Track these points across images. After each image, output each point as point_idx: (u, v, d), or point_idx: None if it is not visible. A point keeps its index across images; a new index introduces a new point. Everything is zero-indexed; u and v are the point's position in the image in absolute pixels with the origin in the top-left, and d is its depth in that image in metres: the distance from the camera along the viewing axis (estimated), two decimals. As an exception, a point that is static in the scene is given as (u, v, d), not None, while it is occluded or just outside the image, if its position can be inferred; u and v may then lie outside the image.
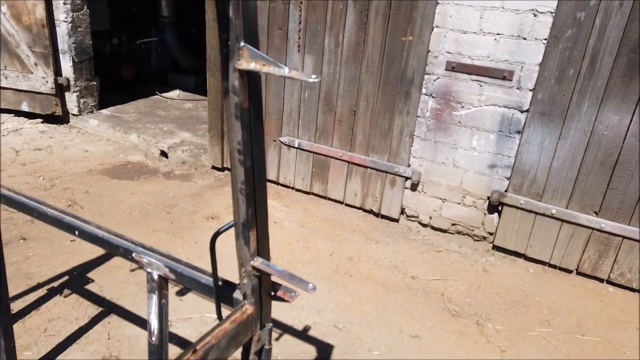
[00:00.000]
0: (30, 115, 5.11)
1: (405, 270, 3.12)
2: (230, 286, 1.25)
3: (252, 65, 0.88)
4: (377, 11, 3.24)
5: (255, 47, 0.89)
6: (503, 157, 3.16)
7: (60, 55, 4.90)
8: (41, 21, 4.67)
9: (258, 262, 1.12)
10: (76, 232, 1.40)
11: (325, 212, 3.81)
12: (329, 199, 3.95)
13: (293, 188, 4.08)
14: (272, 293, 1.21)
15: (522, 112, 3.01)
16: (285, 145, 3.95)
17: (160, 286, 1.36)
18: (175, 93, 6.55)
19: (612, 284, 3.09)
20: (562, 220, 3.08)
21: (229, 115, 0.94)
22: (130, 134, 4.88)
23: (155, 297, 1.36)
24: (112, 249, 1.35)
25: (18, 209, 1.51)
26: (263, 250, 1.13)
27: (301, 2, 3.47)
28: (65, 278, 2.67)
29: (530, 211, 3.17)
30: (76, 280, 2.66)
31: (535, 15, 2.79)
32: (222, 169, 4.38)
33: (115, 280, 2.69)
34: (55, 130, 5.02)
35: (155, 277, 1.34)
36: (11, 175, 3.84)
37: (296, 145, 3.89)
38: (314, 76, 0.83)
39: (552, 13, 2.74)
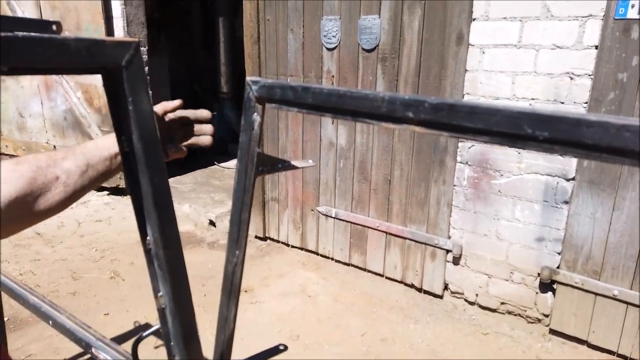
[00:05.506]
0: (98, 189, 5.53)
1: (444, 355, 2.82)
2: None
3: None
4: (406, 81, 3.20)
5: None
6: (551, 230, 2.85)
7: (126, 132, 5.33)
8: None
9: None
10: (50, 322, 1.41)
11: (364, 286, 3.63)
12: (369, 271, 3.77)
13: (332, 259, 3.96)
14: None
15: (567, 180, 2.73)
16: (323, 214, 3.89)
17: (120, 387, 1.30)
18: (232, 163, 6.83)
19: (699, 383, 2.57)
20: (627, 303, 2.66)
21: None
22: (182, 204, 5.09)
23: (115, 398, 1.30)
24: (76, 342, 1.34)
25: (8, 294, 1.56)
26: None
27: (332, 76, 3.52)
28: None
29: (588, 291, 2.78)
30: None
31: (571, 79, 2.58)
32: (264, 239, 4.38)
33: None
34: (119, 201, 5.38)
35: (115, 377, 1.29)
36: (69, 246, 4.10)
37: (333, 215, 3.81)
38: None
39: (590, 75, 2.53)
